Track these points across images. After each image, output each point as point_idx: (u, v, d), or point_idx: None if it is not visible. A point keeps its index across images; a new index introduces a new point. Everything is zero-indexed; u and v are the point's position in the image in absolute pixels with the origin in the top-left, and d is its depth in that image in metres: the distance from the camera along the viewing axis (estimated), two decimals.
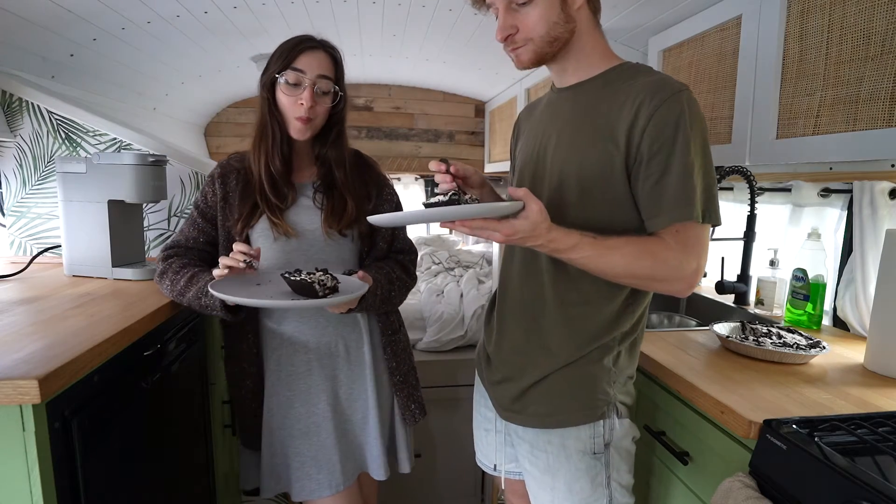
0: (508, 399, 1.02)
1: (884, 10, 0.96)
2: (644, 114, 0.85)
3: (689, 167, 0.84)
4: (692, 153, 0.84)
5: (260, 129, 1.17)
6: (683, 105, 0.84)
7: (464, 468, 1.94)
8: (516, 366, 1.01)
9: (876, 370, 1.07)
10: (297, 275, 1.00)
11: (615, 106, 0.89)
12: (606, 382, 0.96)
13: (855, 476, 0.68)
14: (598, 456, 0.96)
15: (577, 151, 0.92)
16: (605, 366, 0.96)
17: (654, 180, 0.86)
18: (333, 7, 1.75)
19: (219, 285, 1.00)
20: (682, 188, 0.84)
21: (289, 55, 1.11)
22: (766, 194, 1.64)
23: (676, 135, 0.84)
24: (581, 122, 0.93)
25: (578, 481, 0.97)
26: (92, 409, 0.89)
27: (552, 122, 0.99)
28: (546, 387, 0.98)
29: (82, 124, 1.62)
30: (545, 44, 0.91)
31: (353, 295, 1.01)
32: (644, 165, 0.86)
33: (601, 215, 0.91)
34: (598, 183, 0.90)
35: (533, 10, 0.89)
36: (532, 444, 1.00)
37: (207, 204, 1.20)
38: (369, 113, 3.07)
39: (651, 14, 1.58)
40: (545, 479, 0.99)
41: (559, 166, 0.95)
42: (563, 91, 0.99)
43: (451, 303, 1.98)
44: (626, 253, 0.85)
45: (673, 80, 0.88)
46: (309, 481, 1.18)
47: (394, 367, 1.29)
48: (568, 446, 0.96)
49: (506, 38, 0.92)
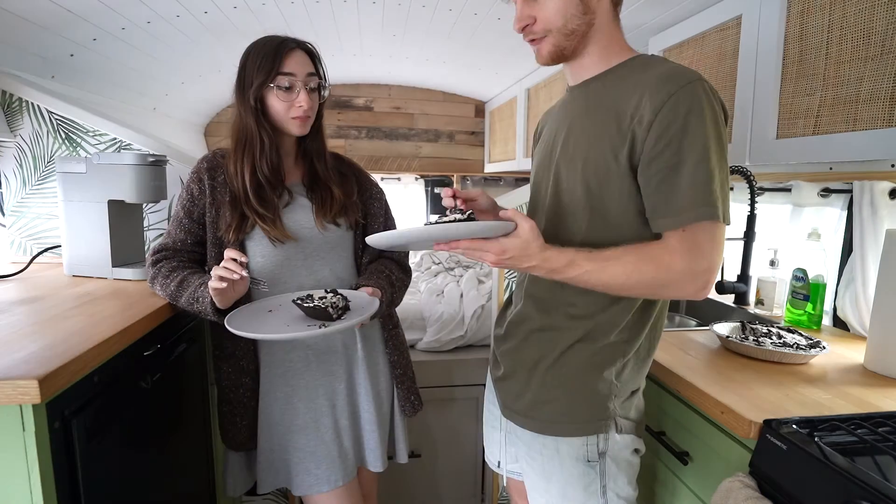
0: (511, 397, 1.02)
1: (884, 10, 0.96)
2: (651, 106, 0.79)
3: (700, 164, 0.78)
4: (705, 147, 0.78)
5: (244, 139, 1.14)
6: (696, 96, 0.78)
7: (464, 468, 1.94)
8: (517, 363, 1.00)
9: (876, 370, 1.07)
10: (308, 301, 1.03)
11: (622, 99, 0.85)
12: (607, 397, 0.92)
13: (855, 476, 0.68)
14: (593, 464, 0.93)
15: (582, 148, 0.89)
16: (607, 379, 0.92)
17: (661, 177, 0.80)
18: (333, 7, 1.75)
19: (235, 320, 1.01)
20: (694, 186, 0.78)
21: (273, 61, 1.09)
22: (766, 194, 1.64)
23: (686, 128, 0.77)
24: (588, 117, 0.90)
25: (572, 487, 0.94)
26: (92, 409, 0.89)
27: (563, 121, 0.97)
28: (545, 393, 0.95)
29: (82, 124, 1.62)
30: (563, 36, 0.89)
31: (366, 315, 1.03)
32: (652, 160, 0.81)
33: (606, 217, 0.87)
34: (602, 180, 0.86)
35: (550, 1, 0.87)
36: (529, 446, 0.99)
37: (194, 202, 1.18)
38: (369, 113, 3.06)
39: (651, 14, 1.58)
40: (540, 482, 0.98)
41: (565, 164, 0.92)
42: (576, 88, 0.96)
43: (451, 303, 1.98)
44: (627, 262, 0.81)
45: (686, 70, 0.82)
46: (308, 476, 1.19)
47: (395, 361, 1.31)
48: (562, 451, 0.94)
49: (523, 28, 0.90)
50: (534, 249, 0.80)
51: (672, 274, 0.80)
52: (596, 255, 0.82)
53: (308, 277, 1.19)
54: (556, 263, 0.81)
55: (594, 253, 0.82)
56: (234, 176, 1.15)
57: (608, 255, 0.82)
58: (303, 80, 1.12)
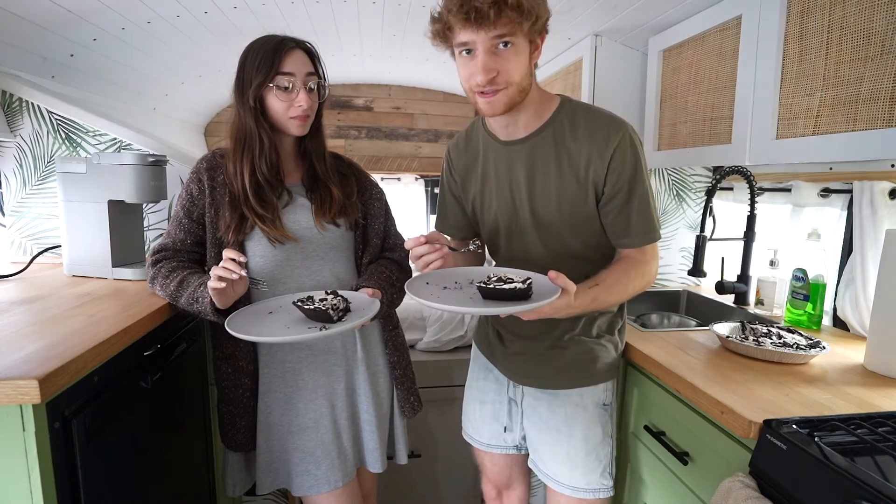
0: (531, 367, 1.16)
1: (884, 10, 0.96)
2: (601, 161, 1.00)
3: (644, 196, 1.02)
4: (644, 183, 1.02)
5: (243, 139, 1.14)
6: (632, 144, 1.00)
7: (464, 468, 1.94)
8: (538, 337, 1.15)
9: (876, 370, 1.07)
10: (309, 303, 1.03)
11: (573, 156, 1.02)
12: (615, 350, 1.17)
13: (855, 476, 0.68)
14: (607, 408, 1.16)
15: (553, 199, 1.06)
16: (615, 338, 1.18)
17: (617, 211, 1.03)
18: (333, 7, 1.75)
19: (235, 322, 1.01)
20: (642, 215, 1.03)
21: (273, 61, 1.09)
22: (766, 194, 1.64)
23: (632, 171, 1.01)
24: (546, 172, 1.05)
25: (592, 430, 1.13)
26: (92, 409, 0.89)
27: (514, 175, 1.08)
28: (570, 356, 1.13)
29: (82, 124, 1.62)
30: (517, 92, 0.97)
31: (366, 317, 1.03)
32: (610, 200, 1.03)
33: (590, 237, 1.08)
34: (579, 219, 1.06)
35: (513, 57, 0.93)
36: (550, 403, 1.16)
37: (193, 202, 1.17)
38: (369, 113, 3.06)
39: (651, 14, 1.58)
40: (563, 429, 1.14)
41: (541, 214, 1.07)
42: (514, 144, 1.07)
43: None
44: (624, 283, 1.02)
45: (615, 119, 1.02)
46: (308, 476, 1.19)
47: (395, 362, 1.30)
48: (585, 398, 1.14)
49: (489, 80, 0.93)
50: (571, 303, 0.91)
51: (648, 278, 1.06)
52: (604, 286, 0.99)
53: (308, 278, 1.19)
54: (584, 306, 0.96)
55: (602, 286, 0.98)
56: (233, 176, 1.15)
57: (610, 282, 1.00)
58: (302, 79, 1.12)
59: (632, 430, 1.28)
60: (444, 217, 1.27)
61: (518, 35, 0.91)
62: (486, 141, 1.13)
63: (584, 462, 1.13)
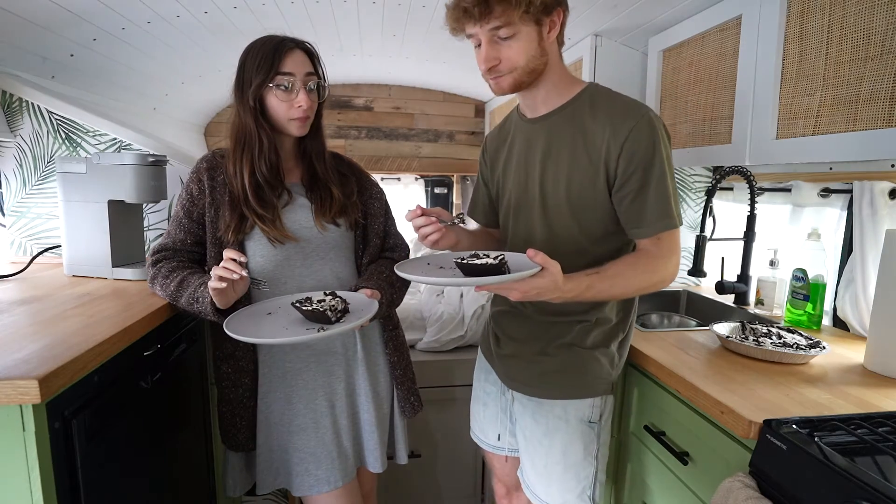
0: (520, 371, 1.13)
1: (884, 10, 0.96)
2: (616, 141, 0.96)
3: (662, 182, 0.96)
4: (664, 167, 0.96)
5: (243, 140, 1.14)
6: (652, 126, 0.96)
7: (464, 468, 1.94)
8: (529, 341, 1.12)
9: (876, 370, 1.07)
10: (307, 304, 1.03)
11: (588, 134, 1.00)
12: (610, 364, 1.10)
13: (855, 476, 0.68)
14: (593, 425, 1.09)
15: (563, 179, 1.03)
16: (611, 351, 1.10)
17: (632, 197, 0.98)
18: (333, 7, 1.75)
19: (233, 323, 1.01)
20: (659, 202, 0.96)
21: (272, 61, 1.09)
22: (766, 194, 1.64)
23: (648, 155, 0.95)
24: (559, 148, 1.04)
25: (573, 445, 1.08)
26: (92, 409, 0.89)
27: (531, 153, 1.08)
28: (559, 365, 1.08)
29: (82, 124, 1.62)
30: (525, 74, 0.99)
31: (364, 318, 1.03)
32: (623, 185, 0.98)
33: (594, 227, 1.04)
34: (586, 203, 1.02)
35: (514, 44, 0.95)
36: (534, 411, 1.11)
37: (193, 202, 1.17)
38: (369, 113, 3.06)
39: (651, 14, 1.58)
40: (543, 440, 1.10)
41: (549, 193, 1.05)
42: (536, 122, 1.08)
43: (451, 303, 1.98)
44: (629, 276, 0.96)
45: (637, 103, 0.99)
46: (308, 476, 1.19)
47: (395, 362, 1.30)
48: (569, 412, 1.08)
49: (490, 68, 0.98)
50: (559, 285, 0.88)
51: (662, 274, 0.99)
52: (603, 275, 0.94)
53: (308, 277, 1.19)
54: (575, 292, 0.92)
55: (602, 273, 0.94)
56: (233, 176, 1.15)
57: (612, 273, 0.95)
58: (302, 79, 1.12)
59: (632, 430, 1.27)
60: (475, 203, 1.31)
61: (515, 23, 0.93)
62: (516, 120, 1.15)
63: (562, 479, 1.09)
